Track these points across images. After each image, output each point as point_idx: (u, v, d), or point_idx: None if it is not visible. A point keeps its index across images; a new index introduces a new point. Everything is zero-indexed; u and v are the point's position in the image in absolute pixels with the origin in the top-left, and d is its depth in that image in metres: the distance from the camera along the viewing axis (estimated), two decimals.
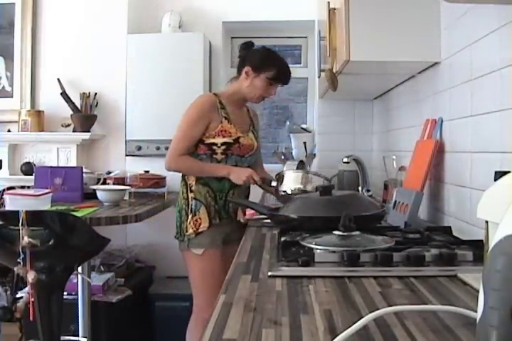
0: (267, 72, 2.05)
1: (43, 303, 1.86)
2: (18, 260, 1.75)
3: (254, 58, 2.08)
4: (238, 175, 2.00)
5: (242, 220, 1.96)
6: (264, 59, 2.08)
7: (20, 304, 1.77)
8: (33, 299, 1.79)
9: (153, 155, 3.19)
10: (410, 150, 1.87)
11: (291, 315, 0.77)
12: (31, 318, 1.78)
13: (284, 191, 2.07)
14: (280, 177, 2.10)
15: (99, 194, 2.56)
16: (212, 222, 2.05)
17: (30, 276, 1.76)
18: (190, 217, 2.05)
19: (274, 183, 2.04)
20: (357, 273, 1.02)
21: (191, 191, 2.07)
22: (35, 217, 1.81)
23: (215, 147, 2.04)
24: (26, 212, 1.78)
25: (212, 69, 3.47)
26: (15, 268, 1.77)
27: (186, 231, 2.04)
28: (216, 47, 3.53)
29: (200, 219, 2.04)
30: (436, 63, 1.72)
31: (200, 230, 2.03)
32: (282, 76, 2.08)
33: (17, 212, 1.79)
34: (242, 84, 2.10)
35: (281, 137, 3.85)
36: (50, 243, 1.83)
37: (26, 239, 1.75)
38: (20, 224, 1.76)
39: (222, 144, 2.04)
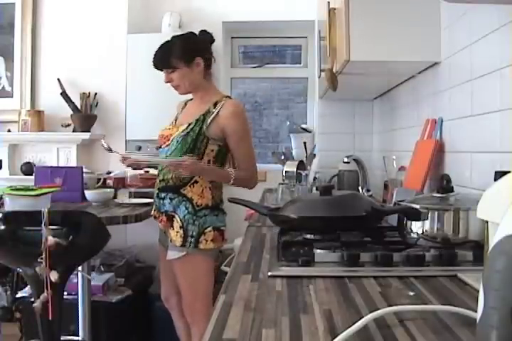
0: None
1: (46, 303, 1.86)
2: (39, 260, 1.74)
3: None
4: None
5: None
6: None
7: (37, 304, 1.76)
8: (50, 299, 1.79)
9: (153, 155, 3.19)
10: (410, 150, 1.87)
11: (291, 315, 0.77)
12: (50, 317, 1.78)
13: None
14: None
15: (86, 194, 2.58)
16: None
17: (54, 276, 1.75)
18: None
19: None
20: (357, 273, 1.02)
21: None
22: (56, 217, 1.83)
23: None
24: (49, 211, 1.79)
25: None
26: (36, 269, 1.76)
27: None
28: (216, 47, 3.51)
29: None
30: (436, 63, 1.72)
31: None
32: None
33: (31, 213, 1.81)
34: None
35: (281, 137, 3.86)
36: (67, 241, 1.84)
37: (52, 239, 1.75)
38: (42, 225, 1.76)
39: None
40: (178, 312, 2.23)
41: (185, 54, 2.05)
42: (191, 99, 2.21)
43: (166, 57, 2.05)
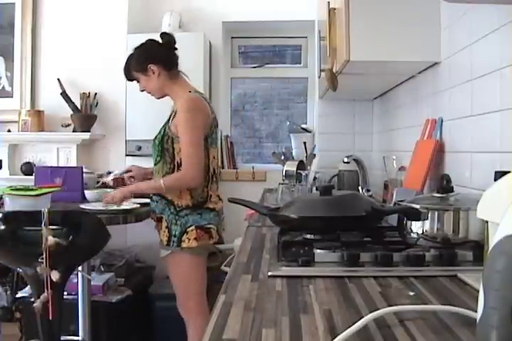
0: None
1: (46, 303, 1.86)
2: (40, 260, 1.75)
3: None
4: None
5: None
6: None
7: (37, 304, 1.76)
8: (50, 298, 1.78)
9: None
10: (410, 150, 1.87)
11: (291, 315, 0.77)
12: (50, 317, 1.78)
13: None
14: None
15: (86, 194, 2.58)
16: None
17: (55, 276, 1.75)
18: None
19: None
20: (357, 273, 1.02)
21: None
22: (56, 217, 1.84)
23: None
24: (49, 211, 1.79)
25: (212, 69, 3.47)
26: (37, 269, 1.76)
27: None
28: (216, 47, 3.53)
29: None
30: (436, 63, 1.72)
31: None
32: None
33: (31, 213, 1.81)
34: None
35: (281, 137, 3.85)
36: (67, 241, 1.84)
37: (52, 239, 1.75)
38: (42, 225, 1.76)
39: None
40: None
41: (138, 64, 2.14)
42: None
43: (128, 71, 2.18)
